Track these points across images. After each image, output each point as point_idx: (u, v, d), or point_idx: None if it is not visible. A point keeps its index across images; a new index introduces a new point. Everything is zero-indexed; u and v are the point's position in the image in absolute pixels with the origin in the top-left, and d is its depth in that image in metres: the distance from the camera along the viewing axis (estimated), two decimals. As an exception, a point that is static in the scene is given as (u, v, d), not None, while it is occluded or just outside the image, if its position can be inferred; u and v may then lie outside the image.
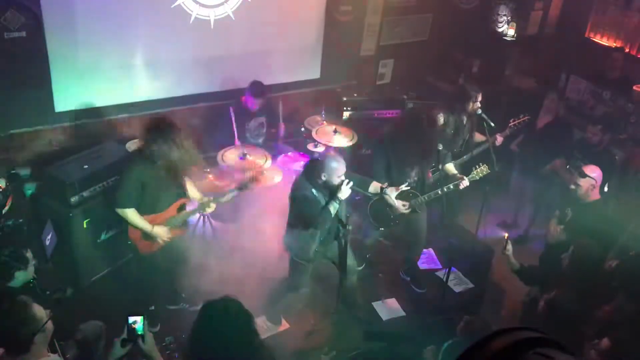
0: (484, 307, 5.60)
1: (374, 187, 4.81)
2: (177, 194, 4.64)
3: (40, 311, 3.06)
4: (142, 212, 4.44)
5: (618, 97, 6.68)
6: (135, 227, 4.47)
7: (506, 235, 4.71)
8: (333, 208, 4.42)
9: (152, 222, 4.48)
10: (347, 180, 4.37)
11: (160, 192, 4.48)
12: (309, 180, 4.45)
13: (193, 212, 4.69)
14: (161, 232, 4.52)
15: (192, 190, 4.74)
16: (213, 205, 4.69)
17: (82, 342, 3.99)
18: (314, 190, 4.44)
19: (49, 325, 3.10)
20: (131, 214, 4.41)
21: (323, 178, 4.39)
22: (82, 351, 3.92)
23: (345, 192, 4.38)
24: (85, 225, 5.06)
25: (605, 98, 6.80)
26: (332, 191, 4.42)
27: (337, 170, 4.36)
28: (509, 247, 4.55)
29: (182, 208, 4.66)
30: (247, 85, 6.01)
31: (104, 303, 4.85)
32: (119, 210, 4.41)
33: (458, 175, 5.26)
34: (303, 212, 4.46)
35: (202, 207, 4.68)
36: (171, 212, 4.59)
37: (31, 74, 5.49)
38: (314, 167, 4.48)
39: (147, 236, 4.51)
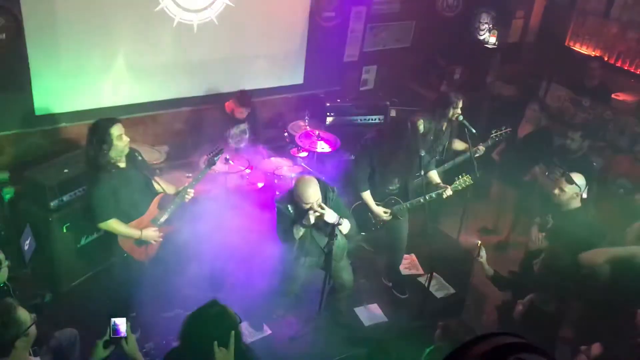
0: (465, 312, 5.62)
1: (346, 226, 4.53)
2: (152, 192, 4.60)
3: (24, 315, 3.02)
4: (126, 220, 4.39)
5: (597, 105, 6.78)
6: (124, 237, 4.42)
7: (479, 242, 4.75)
8: (296, 231, 4.39)
9: (139, 227, 4.44)
10: (313, 210, 4.27)
11: (135, 194, 4.43)
12: (291, 195, 4.44)
13: (174, 204, 4.64)
14: (151, 234, 4.48)
15: (164, 185, 4.71)
16: (191, 191, 4.66)
17: (57, 350, 3.94)
18: (289, 206, 4.43)
19: (32, 330, 3.06)
20: (115, 225, 4.35)
21: (295, 199, 4.39)
22: (56, 358, 3.87)
23: (309, 220, 4.30)
24: (64, 230, 4.99)
25: (585, 106, 6.89)
26: (300, 214, 4.39)
27: (301, 196, 4.28)
28: (483, 253, 4.59)
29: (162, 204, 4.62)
30: (235, 94, 6.00)
31: (83, 309, 4.79)
32: (102, 225, 4.36)
33: (441, 184, 5.30)
34: (277, 222, 4.48)
35: (181, 196, 4.64)
36: (153, 211, 4.55)
37: (11, 76, 5.42)
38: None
39: (140, 242, 4.47)
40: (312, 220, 4.31)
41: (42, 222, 4.91)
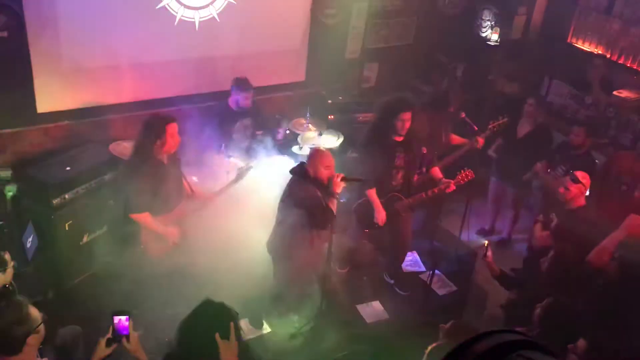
0: (467, 310, 5.63)
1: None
2: (182, 192, 4.67)
3: (35, 312, 3.03)
4: (154, 213, 4.45)
5: (599, 101, 6.76)
6: (149, 230, 4.47)
7: (486, 242, 4.75)
8: (333, 205, 4.43)
9: (164, 223, 4.50)
10: (336, 174, 4.37)
11: (168, 191, 4.49)
12: (307, 181, 4.46)
13: (203, 207, 4.74)
14: (174, 233, 4.53)
15: (194, 188, 4.78)
16: (215, 198, 4.77)
17: (61, 347, 3.95)
18: (318, 192, 4.45)
19: (42, 327, 3.06)
20: (146, 218, 4.42)
21: (311, 173, 4.40)
22: (60, 356, 3.88)
23: (338, 185, 4.37)
24: (67, 228, 5.00)
25: (587, 103, 6.88)
26: (327, 188, 4.41)
27: (324, 162, 4.38)
28: (489, 253, 4.60)
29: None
30: (231, 83, 5.99)
31: (86, 306, 4.80)
32: (135, 216, 4.41)
33: (444, 179, 5.30)
34: (311, 213, 4.43)
35: (207, 201, 4.74)
36: (180, 211, 4.61)
37: (13, 74, 5.42)
38: (304, 166, 4.51)
39: (159, 239, 4.51)
40: (340, 188, 4.39)
41: (44, 219, 4.92)
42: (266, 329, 5.05)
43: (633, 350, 3.69)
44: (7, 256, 3.73)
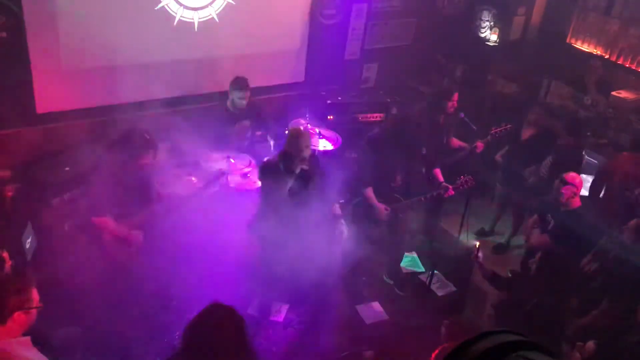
0: (466, 310, 5.63)
1: None
2: (146, 198, 4.65)
3: (35, 296, 3.07)
4: (115, 218, 4.44)
5: (598, 102, 6.77)
6: (111, 233, 4.46)
7: (477, 243, 4.76)
8: (285, 183, 4.56)
9: (127, 227, 4.49)
10: (301, 158, 4.54)
11: (127, 195, 4.47)
12: (278, 156, 4.67)
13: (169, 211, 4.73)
14: (137, 237, 4.52)
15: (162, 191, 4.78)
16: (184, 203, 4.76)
17: (59, 348, 3.95)
18: (280, 165, 4.59)
19: (33, 312, 3.09)
20: (106, 222, 4.42)
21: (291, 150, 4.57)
22: (58, 357, 3.88)
23: (297, 167, 4.56)
24: (67, 228, 5.00)
25: (586, 103, 6.88)
26: (288, 168, 4.57)
27: (305, 142, 4.56)
28: (480, 254, 4.61)
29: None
30: (230, 83, 5.99)
31: (85, 307, 4.79)
32: (95, 220, 4.42)
33: (444, 183, 5.30)
34: (271, 184, 4.68)
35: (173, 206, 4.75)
36: (144, 216, 4.60)
37: (12, 75, 5.42)
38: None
39: (122, 243, 4.51)
40: (298, 168, 4.57)
41: (43, 220, 4.92)
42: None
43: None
44: (4, 254, 3.74)
